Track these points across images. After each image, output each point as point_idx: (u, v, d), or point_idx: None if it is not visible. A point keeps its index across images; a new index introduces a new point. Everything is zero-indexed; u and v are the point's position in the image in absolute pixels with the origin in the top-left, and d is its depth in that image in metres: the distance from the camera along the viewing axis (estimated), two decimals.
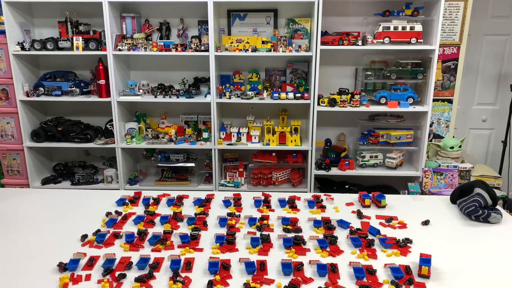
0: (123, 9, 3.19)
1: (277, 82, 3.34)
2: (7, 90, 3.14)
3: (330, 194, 1.85)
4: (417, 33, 2.97)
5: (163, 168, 3.38)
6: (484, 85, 3.92)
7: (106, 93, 3.12)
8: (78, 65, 3.36)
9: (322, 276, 1.23)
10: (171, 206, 1.73)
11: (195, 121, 3.39)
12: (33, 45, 3.05)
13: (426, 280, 1.21)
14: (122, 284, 1.20)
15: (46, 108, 3.46)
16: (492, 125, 4.00)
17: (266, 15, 3.24)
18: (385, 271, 1.27)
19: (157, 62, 3.35)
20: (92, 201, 1.79)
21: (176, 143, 3.18)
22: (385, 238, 1.44)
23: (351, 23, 3.20)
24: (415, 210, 1.71)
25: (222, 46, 3.05)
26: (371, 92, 3.27)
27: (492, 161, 4.00)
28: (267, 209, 1.70)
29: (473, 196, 1.62)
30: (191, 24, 3.26)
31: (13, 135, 3.24)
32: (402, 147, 3.20)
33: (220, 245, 1.39)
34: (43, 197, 1.85)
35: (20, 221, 1.60)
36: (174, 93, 3.16)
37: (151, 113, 3.45)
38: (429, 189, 2.88)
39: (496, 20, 3.74)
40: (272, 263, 1.30)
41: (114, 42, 3.03)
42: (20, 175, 3.32)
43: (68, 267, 1.26)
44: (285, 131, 3.15)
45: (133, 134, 3.20)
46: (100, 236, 1.45)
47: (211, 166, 3.22)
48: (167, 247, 1.40)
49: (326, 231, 1.51)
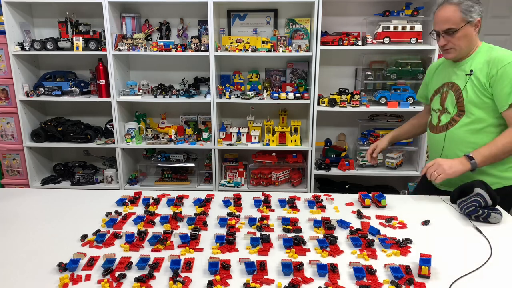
0: (123, 9, 3.19)
1: (277, 82, 3.34)
2: (7, 90, 3.14)
3: (330, 194, 1.85)
4: (417, 33, 2.97)
5: (163, 168, 3.38)
6: None
7: (106, 93, 3.12)
8: (78, 65, 3.36)
9: (322, 276, 1.23)
10: (171, 206, 1.73)
11: (195, 121, 3.39)
12: (33, 45, 3.05)
13: (426, 280, 1.21)
14: (122, 284, 1.20)
15: (46, 108, 3.46)
16: None
17: (266, 15, 3.24)
18: (385, 271, 1.27)
19: (157, 62, 3.35)
20: (92, 201, 1.79)
21: (176, 143, 3.19)
22: (385, 238, 1.44)
23: (351, 23, 3.21)
24: (415, 210, 1.71)
25: (222, 46, 3.05)
26: (371, 92, 3.27)
27: None
28: (267, 209, 1.70)
29: (473, 196, 1.62)
30: (191, 24, 3.26)
31: (13, 135, 3.24)
32: (402, 147, 3.20)
33: (220, 245, 1.39)
34: (43, 197, 1.85)
35: (20, 221, 1.60)
36: (174, 93, 3.16)
37: (151, 113, 3.45)
38: None
39: (496, 20, 3.74)
40: (272, 263, 1.30)
41: (114, 42, 3.03)
42: (20, 175, 3.32)
43: (68, 267, 1.26)
44: (285, 131, 3.15)
45: (133, 134, 3.20)
46: (100, 236, 1.45)
47: (211, 166, 3.23)
48: (167, 247, 1.40)
49: (326, 231, 1.51)
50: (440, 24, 1.75)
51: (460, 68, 1.83)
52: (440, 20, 1.75)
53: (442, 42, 1.78)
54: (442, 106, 1.89)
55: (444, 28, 1.74)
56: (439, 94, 1.92)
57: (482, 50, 1.80)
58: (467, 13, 1.70)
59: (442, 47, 1.81)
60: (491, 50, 1.78)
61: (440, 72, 1.97)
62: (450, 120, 1.84)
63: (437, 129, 1.90)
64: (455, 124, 1.81)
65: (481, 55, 1.78)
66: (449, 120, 1.84)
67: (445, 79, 1.90)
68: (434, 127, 1.93)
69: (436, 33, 1.80)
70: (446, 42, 1.77)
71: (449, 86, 1.87)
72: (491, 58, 1.74)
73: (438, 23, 1.76)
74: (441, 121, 1.88)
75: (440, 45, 1.80)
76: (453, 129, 1.82)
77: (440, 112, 1.90)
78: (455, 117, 1.82)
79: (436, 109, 1.92)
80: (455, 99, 1.81)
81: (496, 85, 1.70)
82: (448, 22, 1.72)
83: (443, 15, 1.73)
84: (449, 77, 1.87)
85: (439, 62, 2.02)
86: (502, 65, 1.68)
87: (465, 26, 1.72)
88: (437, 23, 1.77)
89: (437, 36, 1.80)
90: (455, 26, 1.72)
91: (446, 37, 1.76)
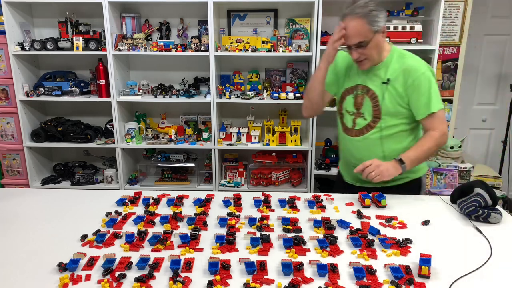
0: (123, 9, 3.19)
1: (277, 82, 3.34)
2: (7, 90, 3.14)
3: (330, 194, 1.85)
4: (417, 33, 2.97)
5: (163, 168, 3.38)
6: (484, 85, 3.92)
7: (106, 93, 3.12)
8: (78, 65, 3.36)
9: (322, 276, 1.23)
10: (171, 206, 1.73)
11: (195, 121, 3.39)
12: (33, 45, 3.05)
13: (426, 280, 1.21)
14: (122, 284, 1.20)
15: (46, 108, 3.46)
16: (492, 125, 4.00)
17: (266, 15, 3.24)
18: (385, 271, 1.27)
19: (157, 62, 3.35)
20: (92, 201, 1.79)
21: (176, 143, 3.18)
22: (385, 238, 1.44)
23: None
24: (415, 210, 1.71)
25: (222, 46, 3.05)
26: None
27: (492, 161, 3.99)
28: (267, 209, 1.70)
29: (473, 196, 1.62)
30: (191, 24, 3.26)
31: (13, 135, 3.24)
32: None
33: (220, 245, 1.39)
34: (43, 197, 1.85)
35: (20, 221, 1.60)
36: (174, 93, 3.16)
37: (151, 113, 3.45)
38: (429, 189, 2.88)
39: (496, 20, 3.74)
40: (272, 263, 1.30)
41: (114, 42, 3.03)
42: (20, 175, 3.32)
43: (68, 267, 1.26)
44: (285, 131, 3.15)
45: (133, 134, 3.20)
46: (100, 236, 1.45)
47: (211, 166, 3.22)
48: (167, 247, 1.40)
49: (326, 231, 1.51)
50: (350, 39, 1.74)
51: (375, 74, 1.84)
52: (350, 35, 1.73)
53: (355, 55, 1.77)
54: (357, 109, 1.88)
55: (355, 42, 1.73)
56: (352, 95, 1.89)
57: (394, 56, 1.83)
58: (374, 23, 1.71)
59: (355, 60, 1.81)
60: (404, 58, 1.82)
61: (353, 70, 1.91)
62: (366, 125, 1.87)
63: (353, 133, 1.91)
64: (371, 129, 1.86)
65: (395, 62, 1.81)
66: (366, 126, 1.87)
67: (358, 81, 1.88)
68: (349, 129, 1.92)
69: (347, 46, 1.78)
70: (359, 55, 1.77)
71: (364, 90, 1.86)
72: (406, 67, 1.79)
73: (348, 37, 1.74)
74: (357, 124, 1.89)
75: (354, 58, 1.80)
76: (369, 134, 1.86)
77: (355, 116, 1.89)
78: (371, 123, 1.86)
79: (350, 111, 1.91)
80: (372, 106, 1.84)
81: (412, 94, 1.78)
82: (358, 36, 1.72)
83: (352, 30, 1.72)
84: (364, 80, 1.86)
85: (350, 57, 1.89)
86: (417, 75, 1.77)
87: (375, 36, 1.73)
88: (347, 37, 1.75)
89: (348, 49, 1.79)
90: (366, 39, 1.72)
91: (358, 50, 1.76)
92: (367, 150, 1.87)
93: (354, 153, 1.92)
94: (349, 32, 1.73)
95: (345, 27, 1.73)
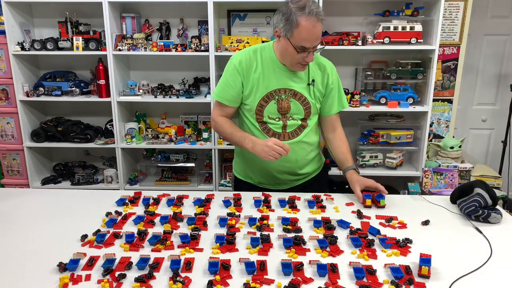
0: (123, 9, 3.19)
1: None
2: (7, 90, 3.15)
3: (330, 194, 1.85)
4: (417, 33, 2.97)
5: (163, 168, 3.38)
6: (484, 85, 3.92)
7: (106, 93, 3.12)
8: (78, 65, 3.36)
9: (322, 276, 1.23)
10: (171, 206, 1.73)
11: (195, 121, 3.39)
12: (33, 45, 3.05)
13: (426, 280, 1.21)
14: (122, 284, 1.20)
15: (46, 108, 3.46)
16: (492, 125, 4.00)
17: (266, 15, 3.24)
18: (385, 271, 1.27)
19: (157, 62, 3.35)
20: (92, 201, 1.79)
21: (176, 143, 3.18)
22: (385, 238, 1.44)
23: (351, 23, 3.21)
24: (415, 210, 1.71)
25: (222, 46, 3.05)
26: (371, 92, 3.27)
27: (492, 161, 4.00)
28: (267, 209, 1.70)
29: (473, 196, 1.62)
30: (191, 24, 3.26)
31: (13, 135, 3.24)
32: (402, 147, 3.20)
33: (220, 245, 1.39)
34: (43, 197, 1.85)
35: (20, 221, 1.60)
36: (174, 93, 3.16)
37: (151, 113, 3.45)
38: (429, 189, 2.88)
39: (496, 20, 3.74)
40: (272, 263, 1.30)
41: (114, 42, 3.03)
42: (20, 175, 3.32)
43: (68, 267, 1.26)
44: None
45: (133, 134, 3.20)
46: (100, 236, 1.45)
47: (211, 166, 3.22)
48: (167, 247, 1.40)
49: (326, 231, 1.51)
50: (313, 41, 1.69)
51: (296, 75, 1.85)
52: (315, 37, 1.68)
53: (311, 58, 1.75)
54: (283, 114, 1.87)
55: (316, 44, 1.71)
56: (274, 100, 1.85)
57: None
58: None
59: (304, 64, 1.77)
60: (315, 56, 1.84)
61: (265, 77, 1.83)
62: (299, 127, 1.90)
63: (284, 137, 1.89)
64: (304, 129, 1.91)
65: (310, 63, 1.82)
66: (297, 127, 1.90)
67: (279, 85, 1.84)
68: (279, 134, 1.89)
69: (302, 49, 1.69)
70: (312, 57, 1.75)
71: (288, 94, 1.85)
72: (320, 65, 1.89)
73: (312, 40, 1.67)
74: (288, 127, 1.89)
75: (309, 61, 1.77)
76: (302, 135, 1.91)
77: (282, 120, 1.88)
78: (303, 124, 1.90)
79: (275, 117, 1.87)
80: (303, 108, 1.87)
81: (331, 91, 1.91)
82: (319, 38, 1.72)
83: (318, 33, 1.68)
84: (286, 84, 1.84)
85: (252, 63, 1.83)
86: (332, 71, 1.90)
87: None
88: (310, 40, 1.67)
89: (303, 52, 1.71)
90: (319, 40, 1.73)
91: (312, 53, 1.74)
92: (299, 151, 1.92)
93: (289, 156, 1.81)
94: (315, 35, 1.68)
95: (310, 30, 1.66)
